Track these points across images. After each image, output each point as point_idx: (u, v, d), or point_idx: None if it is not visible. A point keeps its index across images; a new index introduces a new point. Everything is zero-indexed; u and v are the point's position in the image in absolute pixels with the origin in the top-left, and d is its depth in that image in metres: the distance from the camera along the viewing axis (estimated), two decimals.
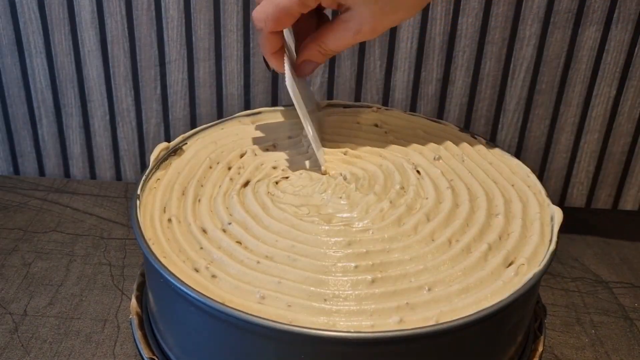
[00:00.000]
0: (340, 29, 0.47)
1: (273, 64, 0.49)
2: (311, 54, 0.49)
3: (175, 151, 0.52)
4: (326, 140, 0.54)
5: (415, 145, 0.53)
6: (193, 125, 0.67)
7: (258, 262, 0.41)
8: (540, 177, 0.64)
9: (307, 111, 0.51)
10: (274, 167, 0.50)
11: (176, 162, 0.51)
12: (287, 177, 0.49)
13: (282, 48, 0.49)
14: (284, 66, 0.49)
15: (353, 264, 0.40)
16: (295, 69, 0.51)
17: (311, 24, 0.50)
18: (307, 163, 0.50)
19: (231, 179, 0.49)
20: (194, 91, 0.66)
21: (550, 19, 0.62)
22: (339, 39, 0.47)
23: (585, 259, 0.60)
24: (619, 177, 0.69)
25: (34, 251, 0.57)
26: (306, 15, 0.47)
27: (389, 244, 0.42)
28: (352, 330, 0.37)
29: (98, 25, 0.63)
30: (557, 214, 0.45)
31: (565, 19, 0.62)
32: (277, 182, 0.48)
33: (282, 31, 0.48)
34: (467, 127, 0.67)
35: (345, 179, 0.48)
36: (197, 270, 0.41)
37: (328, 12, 0.53)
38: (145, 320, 0.48)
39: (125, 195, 0.66)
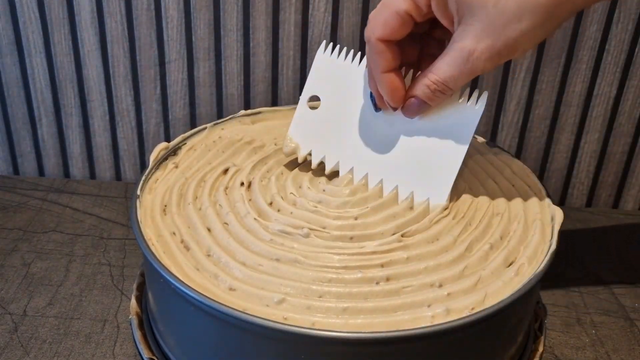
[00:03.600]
0: (451, 51, 0.39)
1: (384, 91, 0.42)
2: (417, 89, 0.42)
3: (175, 151, 0.52)
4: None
5: None
6: (193, 125, 0.67)
7: (259, 264, 0.41)
8: (540, 177, 0.64)
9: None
10: (271, 168, 0.50)
11: (176, 162, 0.51)
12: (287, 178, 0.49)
13: (399, 71, 0.42)
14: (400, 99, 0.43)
15: (355, 264, 0.40)
16: (402, 106, 0.44)
17: None
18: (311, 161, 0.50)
19: (231, 179, 0.49)
20: (194, 91, 0.66)
21: None
22: (450, 66, 0.39)
23: (586, 259, 0.60)
24: (619, 177, 0.69)
25: (33, 251, 0.57)
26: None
27: (390, 244, 0.42)
28: (352, 331, 0.37)
29: (98, 25, 0.63)
30: (558, 214, 0.45)
31: None
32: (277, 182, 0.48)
33: (396, 46, 0.41)
34: None
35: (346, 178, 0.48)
36: (197, 270, 0.41)
37: None
38: (145, 321, 0.48)
39: (125, 195, 0.66)
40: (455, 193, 0.47)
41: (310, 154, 0.49)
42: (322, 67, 0.48)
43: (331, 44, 0.48)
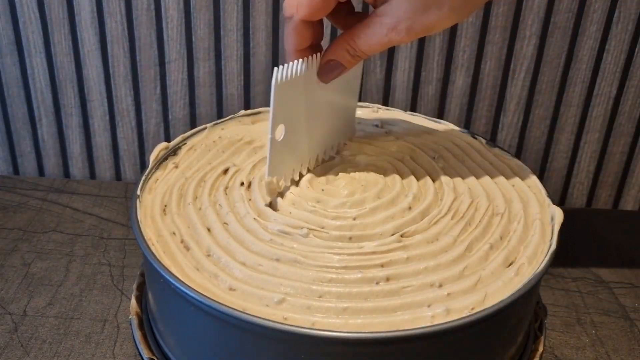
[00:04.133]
0: (373, 24, 0.41)
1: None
2: (337, 53, 0.43)
3: (175, 151, 0.52)
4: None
5: (415, 145, 0.53)
6: (193, 125, 0.67)
7: (259, 264, 0.41)
8: (540, 177, 0.64)
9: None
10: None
11: (176, 162, 0.51)
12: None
13: (309, 50, 0.43)
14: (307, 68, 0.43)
15: (355, 264, 0.40)
16: (318, 71, 0.44)
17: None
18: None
19: (231, 179, 0.49)
20: (194, 91, 0.66)
21: (551, 18, 0.62)
22: (371, 37, 0.41)
23: (586, 259, 0.60)
24: (619, 177, 0.69)
25: (33, 251, 0.57)
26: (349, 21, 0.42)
27: (390, 244, 0.42)
28: (352, 331, 0.37)
29: (98, 25, 0.63)
30: (558, 214, 0.45)
31: (566, 18, 0.62)
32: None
33: (313, 26, 0.42)
34: (467, 127, 0.67)
35: (346, 179, 0.48)
36: (197, 270, 0.41)
37: None
38: (145, 321, 0.48)
39: (125, 195, 0.66)
40: (455, 193, 0.47)
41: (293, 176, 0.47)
42: (281, 94, 0.42)
43: (281, 67, 0.41)
